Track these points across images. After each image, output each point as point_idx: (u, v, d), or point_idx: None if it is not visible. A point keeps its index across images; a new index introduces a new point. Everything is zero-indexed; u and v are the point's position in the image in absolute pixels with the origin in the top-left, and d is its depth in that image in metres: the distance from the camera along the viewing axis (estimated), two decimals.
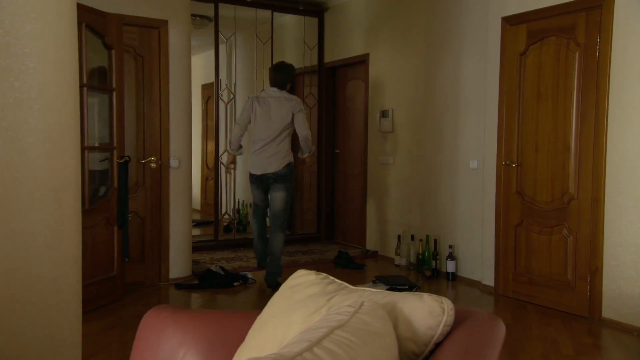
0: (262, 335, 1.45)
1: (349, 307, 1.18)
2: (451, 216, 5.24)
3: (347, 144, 6.87)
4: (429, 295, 1.24)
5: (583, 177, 4.02)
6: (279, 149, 4.68)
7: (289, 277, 1.61)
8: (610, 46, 3.84)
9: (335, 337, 1.00)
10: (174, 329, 1.62)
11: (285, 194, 4.66)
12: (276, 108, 4.64)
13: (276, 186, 4.65)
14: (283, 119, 4.62)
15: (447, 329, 1.20)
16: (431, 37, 5.47)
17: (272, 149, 4.67)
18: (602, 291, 3.89)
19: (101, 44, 4.13)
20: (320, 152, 6.98)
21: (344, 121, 6.94)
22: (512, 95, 4.50)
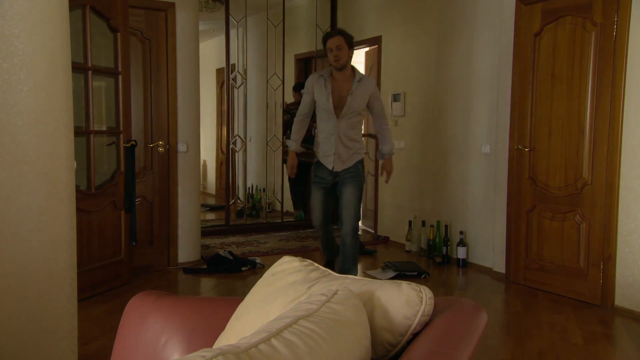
0: (242, 324, 1.41)
1: (322, 295, 1.13)
2: (463, 202, 5.14)
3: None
4: (407, 283, 1.19)
5: (597, 162, 3.90)
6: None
7: (274, 263, 1.57)
8: (629, 25, 3.69)
9: (297, 327, 0.95)
10: (157, 316, 1.59)
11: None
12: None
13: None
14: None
15: (426, 319, 1.14)
16: (444, 18, 5.34)
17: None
18: (615, 279, 3.78)
19: (106, 26, 4.10)
20: None
21: None
22: (526, 78, 4.37)
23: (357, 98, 3.96)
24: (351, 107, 3.95)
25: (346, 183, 4.01)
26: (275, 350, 0.86)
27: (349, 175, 4.01)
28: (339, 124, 3.96)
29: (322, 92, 3.96)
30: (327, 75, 4.02)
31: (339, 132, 3.96)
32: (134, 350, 1.58)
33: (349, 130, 3.99)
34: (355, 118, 4.02)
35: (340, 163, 4.01)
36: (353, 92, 3.93)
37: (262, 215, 7.16)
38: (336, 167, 4.01)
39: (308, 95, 4.07)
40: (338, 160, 4.00)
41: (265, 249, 5.62)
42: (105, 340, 3.19)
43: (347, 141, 3.99)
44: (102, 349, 3.08)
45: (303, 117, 4.15)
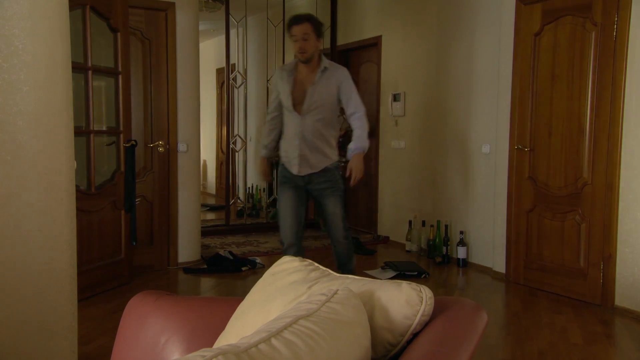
0: (242, 323, 1.41)
1: (322, 295, 1.13)
2: (463, 202, 5.15)
3: None
4: (407, 283, 1.19)
5: (597, 162, 3.89)
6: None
7: (274, 263, 1.57)
8: (629, 25, 3.69)
9: (297, 327, 0.95)
10: (157, 316, 1.59)
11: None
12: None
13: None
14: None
15: (426, 319, 1.14)
16: (444, 18, 5.34)
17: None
18: (615, 279, 3.78)
19: (106, 26, 4.10)
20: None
21: None
22: (526, 78, 4.37)
23: (320, 90, 3.41)
24: (314, 101, 3.41)
25: (325, 196, 3.53)
26: (275, 350, 0.86)
27: (326, 186, 3.51)
28: (302, 122, 3.45)
29: (284, 87, 3.49)
30: (290, 68, 3.55)
31: (303, 132, 3.45)
32: (134, 350, 1.58)
33: (317, 130, 3.46)
34: (323, 114, 3.46)
35: (307, 167, 3.49)
36: (315, 82, 3.40)
37: (262, 215, 7.16)
38: (302, 170, 3.49)
39: (274, 92, 3.63)
40: (305, 163, 3.48)
41: (265, 249, 5.62)
42: (105, 340, 3.19)
43: (316, 142, 3.47)
44: (102, 348, 3.08)
45: (272, 119, 3.63)
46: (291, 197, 3.52)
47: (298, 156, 3.47)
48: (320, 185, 3.51)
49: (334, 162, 3.56)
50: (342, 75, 3.48)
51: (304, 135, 3.45)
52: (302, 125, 3.45)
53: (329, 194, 3.52)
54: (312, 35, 3.39)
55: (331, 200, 3.53)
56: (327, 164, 3.50)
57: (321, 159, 3.50)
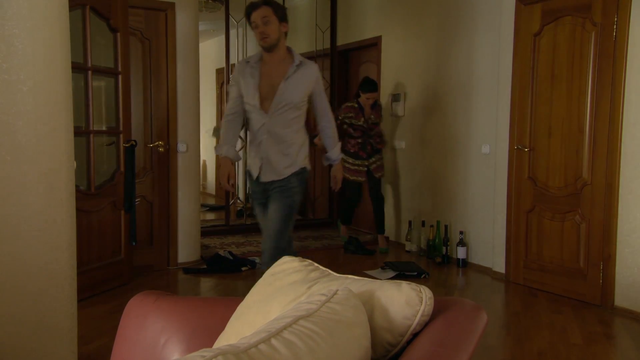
0: (241, 324, 1.41)
1: (322, 295, 1.13)
2: (462, 202, 5.14)
3: None
4: (407, 283, 1.19)
5: (597, 162, 3.90)
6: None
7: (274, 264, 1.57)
8: (628, 26, 3.70)
9: (297, 327, 0.95)
10: (157, 316, 1.59)
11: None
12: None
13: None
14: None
15: (425, 319, 1.14)
16: (444, 18, 5.34)
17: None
18: (615, 279, 3.78)
19: (106, 26, 4.10)
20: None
21: None
22: (526, 78, 4.37)
23: (293, 87, 3.04)
24: (284, 98, 3.02)
25: (272, 199, 3.08)
26: (275, 350, 0.86)
27: (277, 190, 3.07)
28: (268, 121, 3.04)
29: (248, 82, 3.08)
30: (255, 60, 3.14)
31: (269, 132, 3.05)
32: (133, 350, 1.58)
33: (284, 130, 3.06)
34: (292, 113, 3.06)
35: (271, 172, 3.08)
36: (289, 77, 3.02)
37: None
38: (263, 176, 3.09)
39: (234, 87, 3.18)
40: (268, 168, 3.08)
41: None
42: (105, 340, 3.19)
43: (282, 145, 3.06)
44: (101, 349, 3.08)
45: (233, 117, 3.19)
46: (262, 214, 3.22)
47: (261, 159, 3.09)
48: (275, 189, 3.08)
49: (299, 170, 3.11)
50: (317, 73, 3.15)
51: (270, 136, 3.05)
52: (268, 125, 3.04)
53: (277, 196, 3.06)
54: (274, 19, 3.00)
55: (275, 203, 3.04)
56: (291, 172, 3.07)
57: (288, 164, 3.07)
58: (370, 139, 5.52)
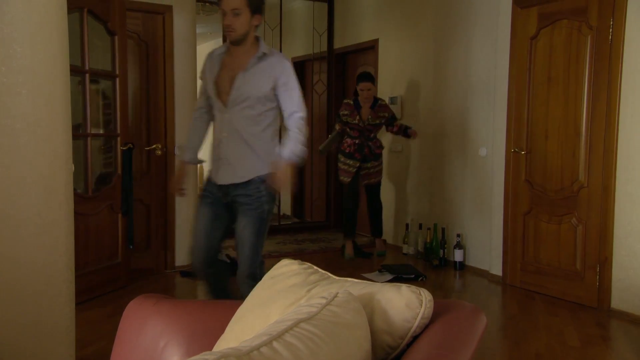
0: (241, 327, 1.42)
1: (322, 298, 1.13)
2: (460, 204, 5.16)
3: None
4: (407, 286, 1.19)
5: (593, 165, 3.91)
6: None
7: (272, 266, 1.57)
8: (624, 29, 3.72)
9: (298, 330, 0.95)
10: (156, 319, 1.59)
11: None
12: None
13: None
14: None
15: (425, 322, 1.15)
16: (441, 22, 5.36)
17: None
18: (611, 281, 3.80)
19: (104, 29, 4.10)
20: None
21: None
22: (522, 81, 4.39)
23: (252, 79, 2.70)
24: (243, 92, 2.69)
25: (239, 212, 2.76)
26: (276, 353, 0.87)
27: (244, 201, 2.72)
28: (229, 116, 2.73)
29: (210, 74, 2.83)
30: (220, 52, 2.86)
31: (230, 129, 2.73)
32: (133, 354, 1.58)
33: (248, 127, 2.72)
34: (256, 109, 2.72)
35: (230, 173, 2.75)
36: (248, 69, 2.69)
37: None
38: (222, 178, 2.76)
39: (202, 82, 2.94)
40: (228, 169, 2.75)
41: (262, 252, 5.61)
42: (102, 344, 3.19)
43: (244, 144, 2.73)
44: (99, 352, 3.07)
45: (199, 114, 2.94)
46: (206, 215, 2.81)
47: (219, 159, 2.78)
48: (238, 199, 2.74)
49: (263, 175, 2.73)
50: (283, 67, 2.75)
51: (228, 132, 2.74)
52: (229, 121, 2.73)
53: (243, 210, 2.73)
54: (245, 10, 2.64)
55: (244, 219, 2.73)
56: (254, 175, 2.72)
57: (248, 167, 2.73)
58: (368, 141, 5.30)
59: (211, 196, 2.82)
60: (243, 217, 2.73)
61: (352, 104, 5.28)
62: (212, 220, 2.81)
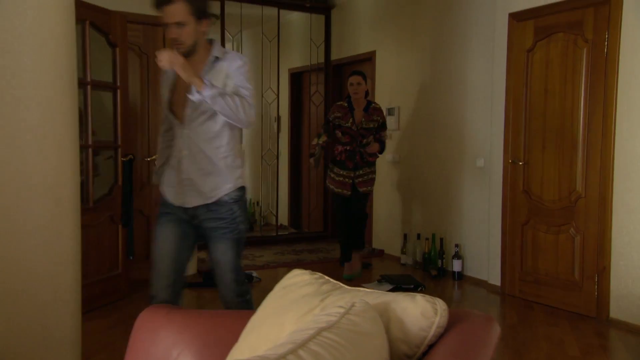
0: (255, 336, 1.43)
1: (340, 308, 1.15)
2: (457, 215, 5.19)
3: None
4: (422, 296, 1.22)
5: (591, 175, 3.96)
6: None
7: (284, 276, 1.59)
8: (619, 42, 3.78)
9: (321, 339, 0.97)
10: (168, 329, 1.61)
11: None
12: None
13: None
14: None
15: (440, 331, 1.17)
16: (438, 34, 5.42)
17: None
18: (609, 291, 3.83)
19: (105, 41, 4.13)
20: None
21: None
22: (519, 92, 4.44)
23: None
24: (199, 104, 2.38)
25: (213, 238, 2.50)
26: None
27: (217, 225, 2.48)
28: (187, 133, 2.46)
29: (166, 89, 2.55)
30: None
31: (189, 147, 2.46)
32: None
33: (208, 142, 2.46)
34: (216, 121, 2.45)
35: (195, 195, 2.47)
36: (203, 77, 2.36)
37: (256, 228, 7.17)
38: (188, 201, 2.48)
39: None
40: (192, 190, 2.47)
41: (261, 262, 5.63)
42: (104, 355, 3.18)
43: (205, 161, 2.47)
44: None
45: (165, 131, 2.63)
46: (170, 234, 2.49)
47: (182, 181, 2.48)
48: (209, 223, 2.49)
49: (231, 192, 2.49)
50: (235, 64, 2.48)
51: (188, 149, 2.47)
52: (188, 138, 2.46)
53: (219, 235, 2.49)
54: (190, 20, 2.36)
55: (221, 244, 2.50)
56: (222, 194, 2.47)
57: (214, 185, 2.47)
58: (361, 147, 4.89)
59: (173, 214, 2.51)
60: (220, 243, 2.49)
61: (345, 105, 4.93)
62: (178, 241, 2.49)
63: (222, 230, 2.48)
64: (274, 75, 6.86)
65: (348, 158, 4.90)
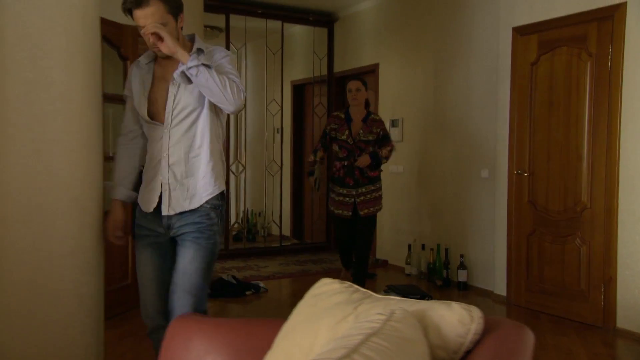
0: (289, 343, 1.47)
1: (379, 315, 1.20)
2: (462, 225, 5.24)
3: None
4: (457, 303, 1.26)
5: (596, 186, 4.02)
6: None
7: (313, 285, 1.64)
8: (623, 56, 3.86)
9: (371, 344, 1.02)
10: (200, 338, 1.64)
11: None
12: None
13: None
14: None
15: (477, 337, 1.21)
16: (441, 47, 5.50)
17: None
18: (616, 301, 3.88)
19: (116, 55, 4.18)
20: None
21: None
22: (524, 105, 4.51)
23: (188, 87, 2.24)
24: (182, 102, 2.25)
25: (184, 244, 2.29)
26: None
27: (192, 230, 2.27)
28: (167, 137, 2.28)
29: (137, 89, 2.34)
30: (148, 60, 2.40)
31: (168, 147, 2.28)
32: None
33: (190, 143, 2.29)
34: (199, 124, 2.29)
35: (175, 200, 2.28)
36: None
37: (259, 239, 7.22)
38: (171, 207, 2.28)
39: (128, 99, 2.42)
40: (177, 195, 2.28)
41: (266, 273, 5.66)
42: None
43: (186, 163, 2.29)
44: None
45: (127, 139, 2.43)
46: (151, 259, 2.34)
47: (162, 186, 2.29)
48: (183, 229, 2.29)
49: (210, 199, 2.30)
50: (220, 55, 2.31)
51: (168, 152, 2.28)
52: (165, 137, 2.28)
53: (189, 240, 2.27)
54: (169, 18, 2.18)
55: (190, 251, 2.26)
56: (204, 199, 2.29)
57: (193, 190, 2.29)
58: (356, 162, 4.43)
59: (151, 234, 2.33)
60: (189, 249, 2.25)
61: (342, 116, 4.53)
62: (160, 265, 2.34)
63: (194, 235, 2.27)
64: (278, 87, 6.93)
65: (347, 174, 4.46)
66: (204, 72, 2.10)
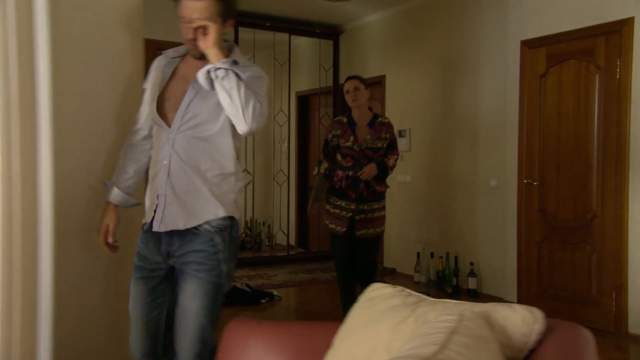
0: (350, 343, 1.55)
1: (449, 315, 1.28)
2: (471, 233, 5.33)
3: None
4: (519, 305, 1.34)
5: (606, 196, 4.13)
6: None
7: (366, 290, 1.71)
8: (631, 68, 3.98)
9: (456, 340, 1.09)
10: (259, 339, 1.71)
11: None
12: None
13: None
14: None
15: (540, 337, 1.29)
16: (449, 59, 5.62)
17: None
18: (627, 307, 3.98)
19: None
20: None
21: None
22: (533, 116, 4.63)
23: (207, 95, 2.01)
24: (192, 111, 2.02)
25: (184, 275, 2.02)
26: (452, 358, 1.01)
27: (193, 259, 2.00)
28: (173, 141, 2.03)
29: (154, 80, 2.13)
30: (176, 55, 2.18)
31: (175, 156, 2.03)
32: None
33: (199, 154, 2.03)
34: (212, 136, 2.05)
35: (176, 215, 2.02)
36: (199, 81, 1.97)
37: (264, 248, 7.31)
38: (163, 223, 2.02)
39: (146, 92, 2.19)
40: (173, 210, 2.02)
41: (277, 282, 5.72)
42: None
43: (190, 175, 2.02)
44: None
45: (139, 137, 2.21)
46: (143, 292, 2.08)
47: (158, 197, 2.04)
48: (183, 258, 2.03)
49: (215, 220, 2.03)
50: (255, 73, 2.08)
51: (171, 159, 2.03)
52: (172, 146, 2.03)
53: (190, 273, 2.01)
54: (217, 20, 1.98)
55: (192, 285, 2.00)
56: (206, 218, 2.02)
57: (199, 206, 2.02)
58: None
59: (147, 267, 2.07)
60: (190, 284, 1.99)
61: (345, 121, 3.94)
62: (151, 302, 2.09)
63: (194, 266, 1.98)
64: (285, 98, 7.03)
65: (350, 186, 3.84)
66: (232, 79, 1.91)
